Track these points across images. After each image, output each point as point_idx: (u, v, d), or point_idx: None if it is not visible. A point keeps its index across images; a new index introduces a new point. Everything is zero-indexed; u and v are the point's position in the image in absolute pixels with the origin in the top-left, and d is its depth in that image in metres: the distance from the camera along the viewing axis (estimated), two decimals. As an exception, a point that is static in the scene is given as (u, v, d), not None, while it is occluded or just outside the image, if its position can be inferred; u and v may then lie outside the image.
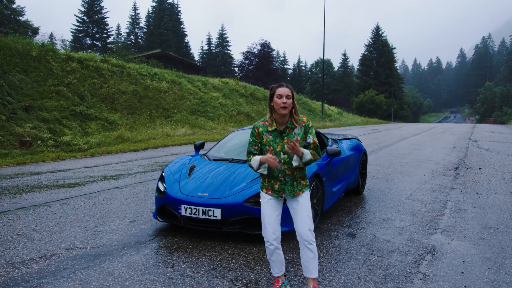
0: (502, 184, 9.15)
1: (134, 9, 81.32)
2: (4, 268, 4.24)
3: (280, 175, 3.66)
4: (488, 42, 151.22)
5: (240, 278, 4.10)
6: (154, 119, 23.71)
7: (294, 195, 3.66)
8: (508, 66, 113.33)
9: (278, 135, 3.63)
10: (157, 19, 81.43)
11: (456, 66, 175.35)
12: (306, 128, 3.67)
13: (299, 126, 3.65)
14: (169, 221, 5.44)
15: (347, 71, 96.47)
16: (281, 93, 3.55)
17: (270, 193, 3.70)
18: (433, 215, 6.59)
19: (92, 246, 4.93)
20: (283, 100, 3.53)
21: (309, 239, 3.58)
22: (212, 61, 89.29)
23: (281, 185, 3.66)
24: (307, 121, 3.69)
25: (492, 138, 22.05)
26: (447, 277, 4.23)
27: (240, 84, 38.10)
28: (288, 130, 3.63)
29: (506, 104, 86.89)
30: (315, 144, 3.64)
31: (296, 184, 3.67)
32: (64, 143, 16.20)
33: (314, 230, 3.76)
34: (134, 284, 3.91)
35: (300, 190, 3.68)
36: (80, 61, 23.81)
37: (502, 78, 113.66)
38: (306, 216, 3.64)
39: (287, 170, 3.63)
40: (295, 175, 3.66)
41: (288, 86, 3.62)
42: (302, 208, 3.65)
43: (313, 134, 3.68)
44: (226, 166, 5.85)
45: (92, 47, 70.81)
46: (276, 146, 3.62)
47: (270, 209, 3.68)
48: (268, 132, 3.65)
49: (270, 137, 3.64)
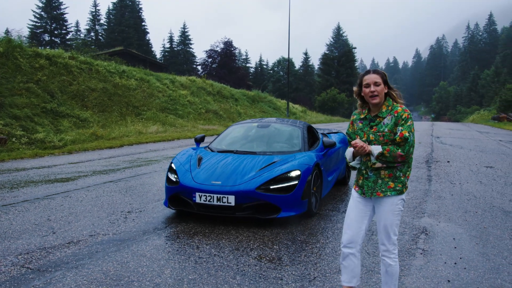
0: (471, 175, 9.91)
1: (94, 6, 79.71)
2: (38, 253, 4.47)
3: (363, 167, 3.32)
4: (442, 43, 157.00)
5: (263, 256, 4.50)
6: (125, 116, 23.66)
7: (373, 194, 3.25)
8: (460, 66, 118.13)
9: (368, 123, 3.29)
10: (118, 16, 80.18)
11: (412, 66, 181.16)
12: (398, 119, 3.17)
13: (391, 116, 3.21)
14: (181, 208, 5.77)
15: (308, 70, 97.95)
16: (368, 81, 3.22)
17: (357, 189, 3.38)
18: (417, 201, 7.19)
19: (113, 233, 5.21)
20: (371, 89, 3.19)
21: (384, 252, 3.27)
22: (174, 59, 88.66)
23: (364, 180, 3.30)
24: (401, 111, 3.20)
25: (452, 135, 23.25)
26: (443, 251, 4.78)
27: (207, 82, 38.27)
28: (379, 119, 3.24)
29: (459, 103, 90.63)
30: (402, 137, 3.09)
31: (381, 183, 3.22)
32: (38, 140, 16.05)
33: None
34: (169, 263, 4.25)
35: (382, 191, 3.22)
36: (48, 57, 23.41)
37: (456, 78, 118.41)
38: (381, 229, 3.25)
39: (369, 163, 3.23)
40: (380, 171, 3.23)
41: (376, 71, 3.27)
42: (381, 216, 3.25)
43: (407, 126, 3.13)
44: (233, 157, 6.23)
45: (51, 43, 69.00)
46: (363, 135, 3.28)
47: (353, 208, 3.36)
48: (360, 120, 3.36)
49: (360, 125, 3.33)
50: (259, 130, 7.22)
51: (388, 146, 3.11)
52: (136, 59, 46.63)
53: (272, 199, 5.41)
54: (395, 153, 3.08)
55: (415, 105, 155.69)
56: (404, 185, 3.22)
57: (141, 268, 4.10)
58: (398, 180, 3.20)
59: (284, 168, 5.67)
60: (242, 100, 40.59)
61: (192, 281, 3.85)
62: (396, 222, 3.21)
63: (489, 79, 78.24)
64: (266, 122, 7.44)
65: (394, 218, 3.20)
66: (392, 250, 3.22)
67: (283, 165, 5.80)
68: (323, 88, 75.46)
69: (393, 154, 3.08)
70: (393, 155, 3.08)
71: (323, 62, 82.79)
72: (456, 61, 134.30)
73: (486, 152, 14.68)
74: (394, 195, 3.19)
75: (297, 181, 5.55)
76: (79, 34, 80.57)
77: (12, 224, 5.51)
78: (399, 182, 3.20)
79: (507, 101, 47.96)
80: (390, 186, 3.19)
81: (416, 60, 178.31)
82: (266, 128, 7.22)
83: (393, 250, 3.23)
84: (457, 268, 4.29)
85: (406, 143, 3.09)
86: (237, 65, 75.56)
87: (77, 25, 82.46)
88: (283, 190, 5.49)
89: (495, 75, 77.00)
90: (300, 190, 5.56)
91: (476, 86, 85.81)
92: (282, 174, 5.57)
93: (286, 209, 5.47)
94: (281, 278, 3.95)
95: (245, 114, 36.87)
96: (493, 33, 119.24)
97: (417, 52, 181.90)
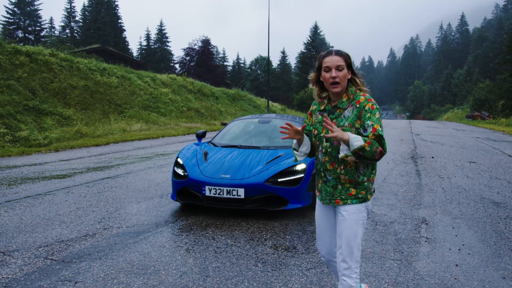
0: (457, 170, 10.29)
1: (70, 2, 78.37)
2: (57, 246, 4.55)
3: (322, 169, 2.81)
4: (416, 42, 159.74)
5: (278, 245, 4.68)
6: (108, 114, 23.49)
7: (331, 201, 2.77)
8: (434, 65, 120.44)
9: (327, 116, 2.75)
10: (94, 13, 78.99)
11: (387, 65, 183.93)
12: (361, 111, 2.63)
13: (352, 107, 2.67)
14: (190, 202, 5.89)
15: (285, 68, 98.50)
16: (329, 64, 2.66)
17: (317, 194, 2.93)
18: (411, 194, 7.48)
19: (127, 226, 5.31)
20: (332, 74, 2.65)
21: (345, 271, 2.72)
22: (151, 56, 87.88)
23: (322, 184, 2.82)
24: (364, 100, 2.65)
25: (431, 132, 23.85)
26: (445, 239, 5.04)
27: (187, 81, 38.20)
28: (339, 110, 2.72)
29: (433, 102, 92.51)
30: (375, 134, 2.55)
31: (341, 188, 2.72)
32: (22, 138, 15.87)
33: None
34: (190, 253, 4.38)
35: (342, 199, 2.73)
36: (28, 54, 23.07)
37: (429, 77, 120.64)
38: (343, 242, 2.72)
39: (328, 164, 2.74)
40: (339, 174, 2.71)
41: (339, 52, 2.70)
42: (342, 228, 2.73)
43: (375, 119, 2.58)
44: (238, 151, 6.39)
45: (24, 40, 67.60)
46: (321, 129, 2.77)
47: (319, 217, 2.96)
48: (319, 111, 2.85)
49: (319, 118, 2.81)
50: (260, 125, 7.39)
51: (369, 139, 2.52)
52: (113, 56, 46.16)
53: (280, 191, 5.59)
54: (376, 148, 2.51)
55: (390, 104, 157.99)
56: (368, 191, 2.74)
57: (164, 258, 4.23)
58: (361, 186, 2.71)
59: (290, 161, 5.86)
60: (223, 98, 40.65)
61: (216, 268, 4.00)
62: (359, 234, 2.70)
63: (462, 78, 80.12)
64: (266, 118, 7.62)
65: (358, 229, 2.70)
66: (354, 268, 2.69)
67: (288, 158, 5.98)
68: (301, 87, 75.93)
69: (373, 149, 2.51)
70: (373, 151, 2.51)
71: (301, 61, 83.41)
72: (429, 61, 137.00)
73: (466, 148, 15.18)
74: (355, 203, 2.70)
75: (303, 174, 5.74)
76: (54, 31, 79.16)
77: (23, 219, 5.54)
78: (362, 188, 2.71)
79: (480, 99, 49.29)
80: (351, 194, 2.70)
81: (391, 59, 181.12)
82: (267, 123, 7.40)
83: (355, 269, 2.70)
84: (462, 253, 4.55)
85: (379, 137, 2.54)
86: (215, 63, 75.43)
87: (51, 22, 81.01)
88: (290, 183, 5.68)
89: (467, 74, 78.89)
90: (306, 183, 5.76)
91: (450, 85, 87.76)
92: (289, 167, 5.76)
93: (293, 201, 5.65)
94: (300, 265, 4.13)
95: (226, 112, 36.96)
96: (465, 33, 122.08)
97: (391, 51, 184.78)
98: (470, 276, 3.97)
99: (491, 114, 42.86)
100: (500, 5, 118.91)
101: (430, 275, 3.98)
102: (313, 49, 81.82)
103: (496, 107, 44.33)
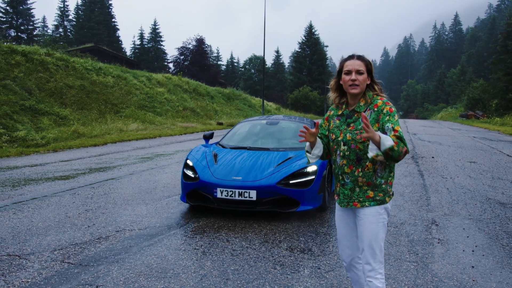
0: (459, 170, 10.35)
1: (63, 1, 77.92)
2: (72, 249, 4.52)
3: (340, 172, 2.83)
4: (410, 42, 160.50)
5: (293, 247, 4.68)
6: (104, 114, 23.38)
7: (349, 204, 2.80)
8: (427, 65, 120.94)
9: (345, 120, 2.81)
10: (87, 12, 78.57)
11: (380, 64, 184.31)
12: (379, 114, 2.69)
13: (370, 111, 2.73)
14: (200, 204, 5.88)
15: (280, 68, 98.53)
16: (350, 67, 2.74)
17: (336, 198, 2.94)
18: (417, 195, 7.52)
19: (139, 228, 5.29)
20: (351, 77, 2.72)
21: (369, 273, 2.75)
22: (145, 56, 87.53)
23: (340, 187, 2.86)
24: (382, 104, 2.72)
25: (427, 132, 23.98)
26: (458, 240, 5.07)
27: (183, 80, 38.12)
28: (356, 115, 2.77)
29: (427, 101, 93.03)
30: (396, 135, 2.56)
31: (358, 191, 2.75)
32: (19, 138, 15.75)
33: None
34: (207, 256, 4.37)
35: (360, 201, 2.76)
36: (24, 54, 22.91)
37: (423, 76, 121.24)
38: (365, 245, 2.75)
39: (346, 167, 2.77)
40: (357, 177, 2.74)
41: (361, 57, 2.79)
42: (363, 230, 2.76)
43: (394, 121, 2.63)
44: (248, 153, 6.38)
45: (17, 39, 67.09)
46: (339, 133, 2.80)
47: (339, 222, 2.98)
48: (337, 116, 2.88)
49: (338, 122, 2.85)
50: (269, 127, 7.39)
51: (396, 139, 2.52)
52: (107, 56, 45.92)
53: (292, 193, 5.59)
54: (402, 148, 2.52)
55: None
56: (386, 193, 2.75)
57: (181, 261, 4.22)
58: (379, 188, 2.73)
59: (301, 163, 5.86)
60: (218, 98, 40.61)
61: (235, 271, 3.99)
62: (380, 235, 2.73)
63: (455, 78, 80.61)
64: (274, 119, 7.62)
65: (379, 230, 2.73)
66: (378, 269, 2.73)
67: (299, 160, 5.98)
68: (295, 86, 76.05)
69: (400, 149, 2.51)
70: (400, 150, 2.51)
71: (295, 60, 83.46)
72: (423, 60, 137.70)
73: (465, 148, 15.28)
74: (373, 205, 2.73)
75: (314, 176, 5.75)
76: (46, 30, 78.71)
77: (33, 222, 5.51)
78: (380, 190, 2.73)
79: (474, 99, 49.58)
80: (369, 196, 2.73)
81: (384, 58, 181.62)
82: (275, 125, 7.40)
83: (380, 269, 2.74)
84: (476, 255, 4.58)
85: (401, 138, 2.56)
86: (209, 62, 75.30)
87: (44, 20, 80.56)
88: (302, 184, 5.68)
89: (461, 73, 79.38)
90: (317, 185, 5.77)
91: (443, 84, 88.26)
92: (300, 169, 5.76)
93: (305, 203, 5.66)
94: (319, 268, 4.14)
95: (221, 111, 36.93)
96: (459, 33, 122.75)
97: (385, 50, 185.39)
98: (487, 277, 4.00)
99: (485, 113, 43.16)
100: (493, 5, 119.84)
101: (448, 277, 4.00)
102: (307, 48, 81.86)
103: (490, 106, 44.62)
